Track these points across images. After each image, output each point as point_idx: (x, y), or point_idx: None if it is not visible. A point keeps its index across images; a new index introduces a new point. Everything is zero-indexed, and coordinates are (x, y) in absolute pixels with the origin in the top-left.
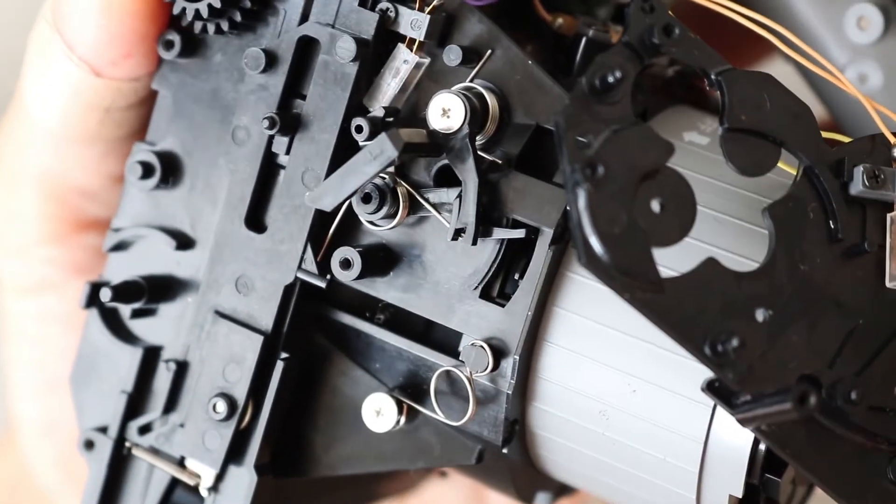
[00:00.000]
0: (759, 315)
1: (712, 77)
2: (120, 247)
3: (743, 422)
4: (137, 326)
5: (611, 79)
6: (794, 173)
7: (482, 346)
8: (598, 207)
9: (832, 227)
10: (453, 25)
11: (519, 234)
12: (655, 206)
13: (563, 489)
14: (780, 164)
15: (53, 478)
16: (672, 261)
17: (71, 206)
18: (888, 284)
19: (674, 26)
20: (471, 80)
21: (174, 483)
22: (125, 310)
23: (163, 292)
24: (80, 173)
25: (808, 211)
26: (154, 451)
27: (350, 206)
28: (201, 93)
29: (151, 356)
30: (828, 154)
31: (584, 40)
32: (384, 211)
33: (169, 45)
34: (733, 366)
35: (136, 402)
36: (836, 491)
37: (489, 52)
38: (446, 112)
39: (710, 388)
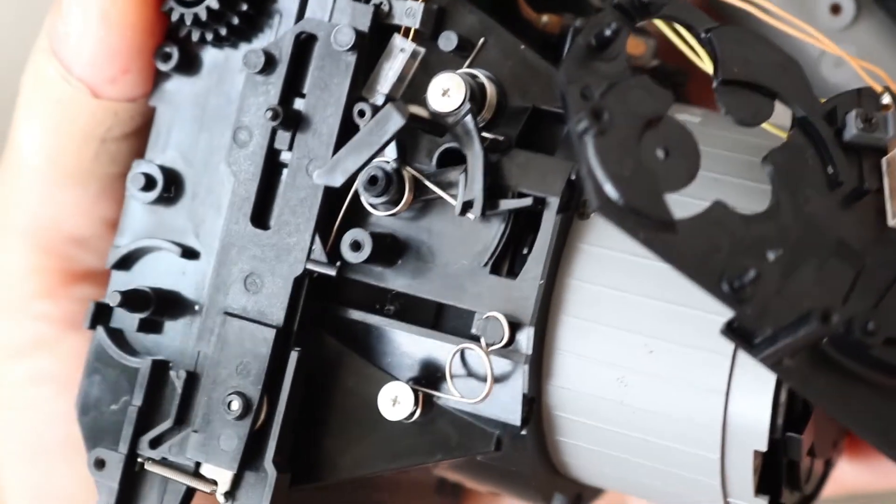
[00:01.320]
0: (770, 255)
1: (701, 34)
2: (123, 263)
3: (765, 359)
4: (143, 341)
5: (607, 32)
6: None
7: (496, 317)
8: (607, 152)
9: (830, 172)
10: (445, 17)
11: (526, 202)
12: (660, 153)
13: (578, 499)
14: (770, 128)
15: None
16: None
17: (62, 257)
18: (890, 223)
19: None
20: (467, 67)
21: (189, 494)
22: (131, 326)
23: (169, 304)
24: (72, 218)
25: (807, 158)
26: (167, 464)
27: (354, 196)
28: (199, 103)
29: (160, 370)
30: (819, 105)
31: (571, 30)
32: (390, 195)
33: (166, 58)
34: (751, 301)
35: (147, 416)
36: (862, 428)
37: (482, 40)
38: (446, 92)
39: (730, 329)
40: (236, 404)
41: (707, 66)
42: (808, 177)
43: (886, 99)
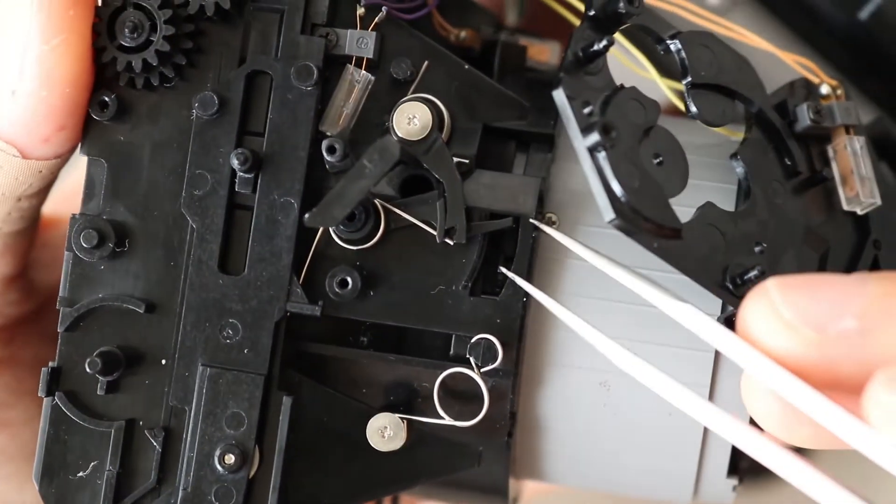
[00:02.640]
0: (757, 249)
1: (667, 41)
2: (74, 325)
3: None
4: (107, 403)
5: (599, 46)
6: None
7: (490, 339)
8: (618, 166)
9: (788, 163)
10: (385, 43)
11: (506, 223)
12: (655, 161)
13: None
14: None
15: None
16: None
17: None
18: (845, 207)
19: None
20: (412, 93)
21: None
22: (89, 389)
23: (131, 361)
24: None
25: (768, 151)
26: None
27: (324, 232)
28: (139, 150)
29: (130, 430)
30: (769, 98)
31: (499, 44)
32: (367, 229)
33: (103, 106)
34: None
35: (122, 481)
36: None
37: (426, 63)
38: (412, 120)
39: (728, 324)
40: (231, 458)
41: (653, 74)
42: (772, 170)
43: (825, 89)
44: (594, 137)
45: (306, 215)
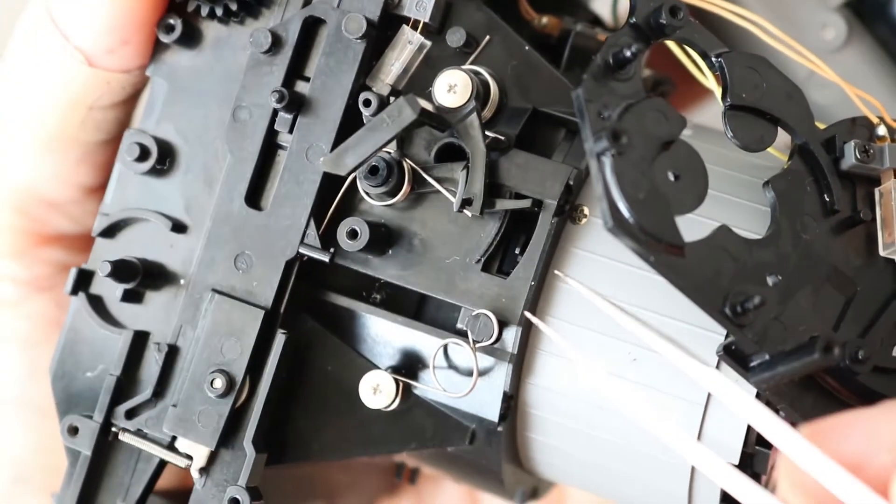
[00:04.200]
0: (770, 280)
1: (713, 58)
2: (109, 231)
3: (760, 383)
4: (125, 311)
5: (627, 53)
6: (781, 157)
7: (488, 315)
8: (624, 174)
9: (827, 200)
10: (452, 13)
11: (524, 203)
12: (671, 176)
13: (535, 492)
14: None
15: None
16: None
17: (35, 219)
18: (881, 253)
19: (679, 8)
20: (469, 64)
21: (161, 467)
22: (112, 295)
23: (153, 277)
24: (50, 182)
25: (806, 185)
26: (142, 435)
27: (351, 183)
28: (198, 77)
29: (139, 341)
30: (819, 132)
31: (572, 34)
32: (389, 185)
33: (169, 29)
34: (751, 326)
35: (124, 386)
36: None
37: (487, 37)
38: (452, 88)
39: (727, 351)
40: (219, 382)
41: (711, 83)
42: (807, 204)
43: (882, 130)
44: (602, 142)
45: (321, 158)
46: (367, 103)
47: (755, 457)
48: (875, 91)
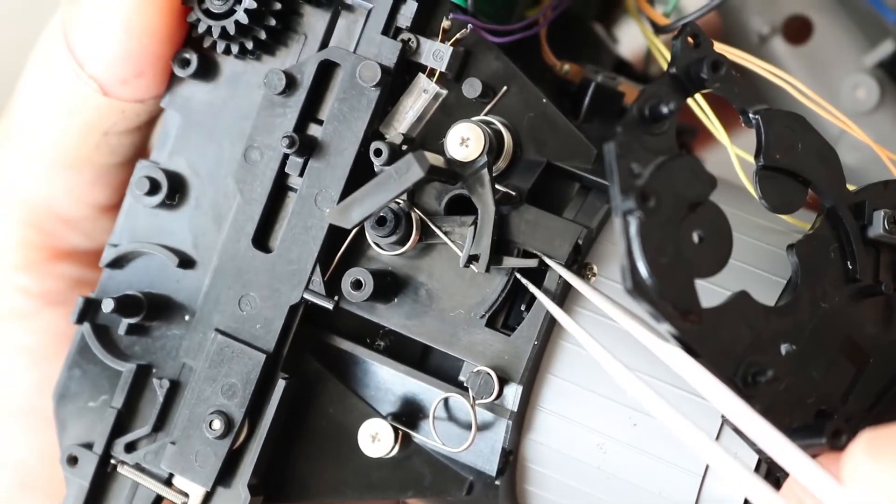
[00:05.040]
0: (784, 349)
1: (750, 115)
2: (117, 263)
3: (762, 452)
4: (129, 344)
5: (664, 109)
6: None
7: (489, 373)
8: (649, 236)
9: (850, 267)
10: (470, 61)
11: (531, 263)
12: (695, 238)
13: None
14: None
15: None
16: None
17: (49, 234)
18: None
19: (722, 63)
20: (485, 115)
21: (158, 502)
22: (117, 327)
23: (159, 310)
24: (64, 200)
25: (830, 251)
26: (140, 470)
27: (358, 230)
28: (212, 112)
29: (142, 374)
30: (849, 195)
31: (593, 85)
32: (397, 236)
33: (185, 64)
34: (760, 398)
35: (124, 420)
36: None
37: (504, 88)
38: (465, 141)
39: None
40: (217, 424)
41: (723, 138)
42: (829, 271)
43: None
44: (630, 202)
45: (328, 211)
46: (378, 153)
47: None
48: None
